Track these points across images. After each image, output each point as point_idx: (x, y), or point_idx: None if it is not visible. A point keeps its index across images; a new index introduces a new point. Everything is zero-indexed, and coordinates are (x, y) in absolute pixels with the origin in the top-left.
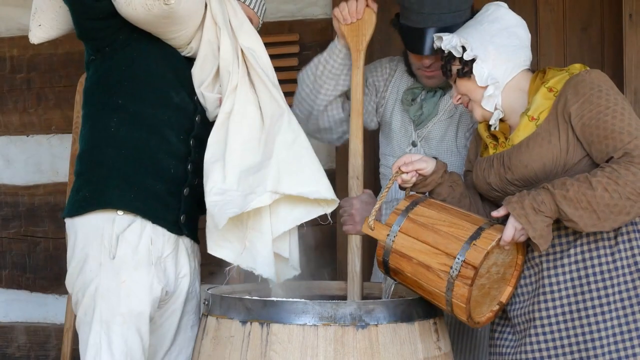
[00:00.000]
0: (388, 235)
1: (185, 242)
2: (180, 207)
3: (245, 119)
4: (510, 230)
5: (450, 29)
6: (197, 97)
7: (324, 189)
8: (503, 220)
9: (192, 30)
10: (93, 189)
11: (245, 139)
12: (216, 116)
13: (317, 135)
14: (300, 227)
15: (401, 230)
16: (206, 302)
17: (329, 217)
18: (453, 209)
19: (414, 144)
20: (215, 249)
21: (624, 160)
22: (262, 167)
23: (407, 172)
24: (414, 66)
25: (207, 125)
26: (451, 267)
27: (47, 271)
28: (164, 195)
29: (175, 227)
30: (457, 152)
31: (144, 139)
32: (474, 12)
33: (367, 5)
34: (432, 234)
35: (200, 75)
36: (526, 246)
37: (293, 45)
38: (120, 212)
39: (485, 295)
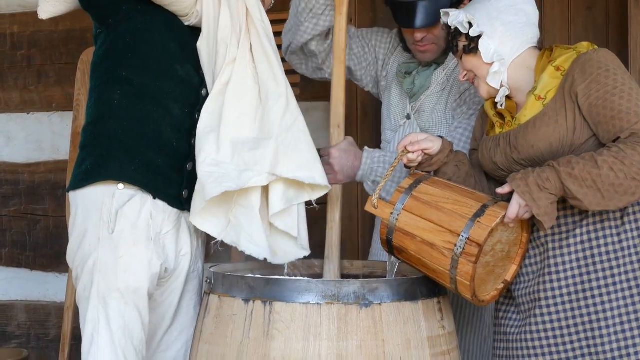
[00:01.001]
0: (392, 213)
1: (187, 219)
2: (182, 182)
3: (243, 92)
4: (515, 207)
5: (440, 1)
6: (202, 72)
7: (319, 175)
8: (507, 198)
9: None
10: (95, 161)
11: (242, 113)
12: None
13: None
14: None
15: (405, 209)
16: (208, 280)
17: (313, 203)
18: (457, 187)
19: (408, 117)
20: (199, 221)
21: (630, 140)
22: (260, 146)
23: (412, 152)
24: (408, 42)
25: None
26: (455, 245)
27: (47, 249)
28: (166, 169)
29: (177, 202)
30: (447, 125)
31: (147, 111)
32: None
33: None
34: (436, 211)
35: (207, 47)
36: (531, 225)
37: None
38: (120, 186)
39: (489, 273)
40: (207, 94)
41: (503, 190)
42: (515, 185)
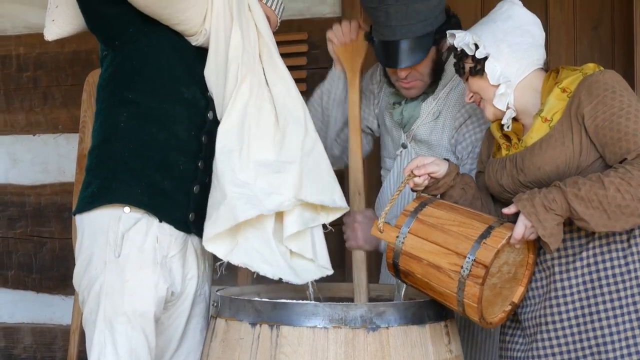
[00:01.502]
0: (397, 237)
1: (194, 243)
2: (189, 205)
3: (261, 114)
4: (521, 228)
5: (423, 38)
6: (209, 94)
7: (339, 197)
8: (513, 219)
9: (199, 9)
10: (100, 184)
11: (262, 135)
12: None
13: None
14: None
15: (410, 232)
16: (215, 304)
17: (327, 225)
18: (462, 209)
19: (404, 146)
20: (207, 242)
21: (637, 161)
22: (284, 170)
23: (419, 176)
24: (392, 78)
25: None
26: (462, 267)
27: (54, 272)
28: (172, 192)
29: (183, 226)
30: (445, 156)
31: (152, 134)
32: (449, 16)
33: (360, 27)
34: (442, 234)
35: (215, 69)
36: (538, 247)
37: (301, 44)
38: (126, 210)
39: (497, 295)
40: (214, 117)
41: (509, 210)
42: (522, 206)
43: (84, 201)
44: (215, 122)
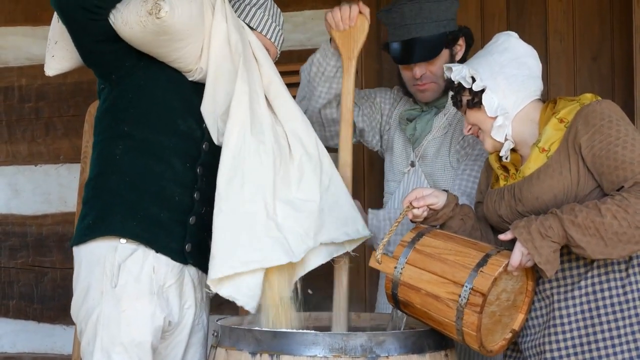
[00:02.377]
0: (395, 267)
1: (191, 272)
2: (185, 236)
3: (280, 152)
4: (517, 255)
5: (436, 37)
6: (205, 125)
7: (362, 226)
8: (509, 246)
9: (194, 48)
10: (97, 216)
11: (284, 174)
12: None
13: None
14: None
15: (408, 262)
16: (215, 334)
17: (351, 252)
18: (459, 238)
19: (412, 164)
20: (214, 279)
21: (634, 189)
22: (305, 209)
23: (418, 207)
24: (408, 83)
25: (215, 153)
26: (460, 296)
27: (55, 302)
28: (168, 223)
29: (180, 256)
30: (452, 169)
31: (148, 166)
32: (460, 27)
33: (360, 12)
34: (439, 263)
35: (212, 104)
36: (537, 275)
37: None
38: (123, 240)
39: (496, 323)
40: (209, 148)
41: (505, 237)
42: (518, 233)
43: (80, 233)
44: (211, 153)
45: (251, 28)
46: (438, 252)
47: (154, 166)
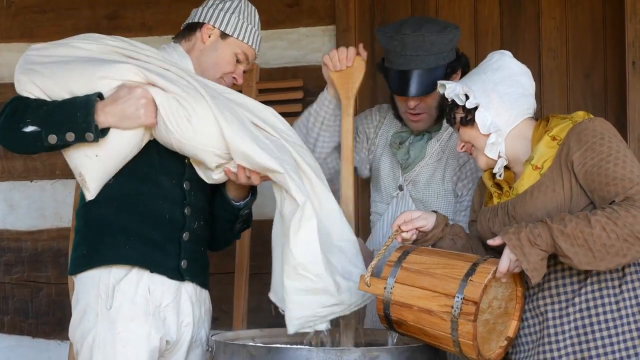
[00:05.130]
0: (385, 288)
1: (188, 289)
2: (180, 253)
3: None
4: (506, 261)
5: (435, 70)
6: None
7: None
8: (495, 255)
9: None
10: (88, 247)
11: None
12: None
13: None
14: None
15: (397, 281)
16: (210, 349)
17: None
18: (444, 251)
19: (400, 188)
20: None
21: (625, 203)
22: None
23: (407, 231)
24: (400, 110)
25: None
26: (452, 307)
27: (50, 317)
28: (161, 242)
29: (176, 274)
30: (445, 196)
31: (136, 188)
32: (459, 55)
33: (357, 54)
34: (428, 278)
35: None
36: (526, 286)
37: (297, 91)
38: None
39: (491, 331)
40: (191, 163)
41: (494, 242)
42: (507, 239)
43: (74, 263)
44: (194, 168)
45: (226, 35)
46: (425, 267)
47: (142, 187)
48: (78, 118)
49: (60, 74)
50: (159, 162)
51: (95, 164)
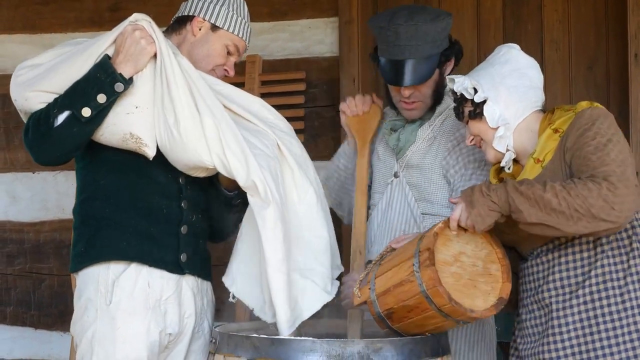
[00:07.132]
0: (370, 288)
1: (189, 282)
2: (178, 246)
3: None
4: (457, 210)
5: (429, 59)
6: None
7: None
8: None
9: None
10: (86, 243)
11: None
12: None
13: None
14: None
15: (376, 277)
16: (213, 340)
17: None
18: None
19: (395, 175)
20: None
21: (587, 178)
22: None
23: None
24: (394, 98)
25: None
26: (414, 264)
27: (52, 308)
28: (159, 236)
29: (175, 268)
30: (437, 181)
31: (132, 183)
32: (452, 42)
33: (373, 101)
34: (394, 257)
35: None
36: (527, 279)
37: (299, 83)
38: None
39: (469, 287)
40: None
41: (454, 199)
42: (462, 192)
43: (74, 260)
44: None
45: (217, 27)
46: (394, 254)
47: (138, 182)
48: (100, 77)
49: (63, 68)
50: (155, 157)
51: (140, 117)
